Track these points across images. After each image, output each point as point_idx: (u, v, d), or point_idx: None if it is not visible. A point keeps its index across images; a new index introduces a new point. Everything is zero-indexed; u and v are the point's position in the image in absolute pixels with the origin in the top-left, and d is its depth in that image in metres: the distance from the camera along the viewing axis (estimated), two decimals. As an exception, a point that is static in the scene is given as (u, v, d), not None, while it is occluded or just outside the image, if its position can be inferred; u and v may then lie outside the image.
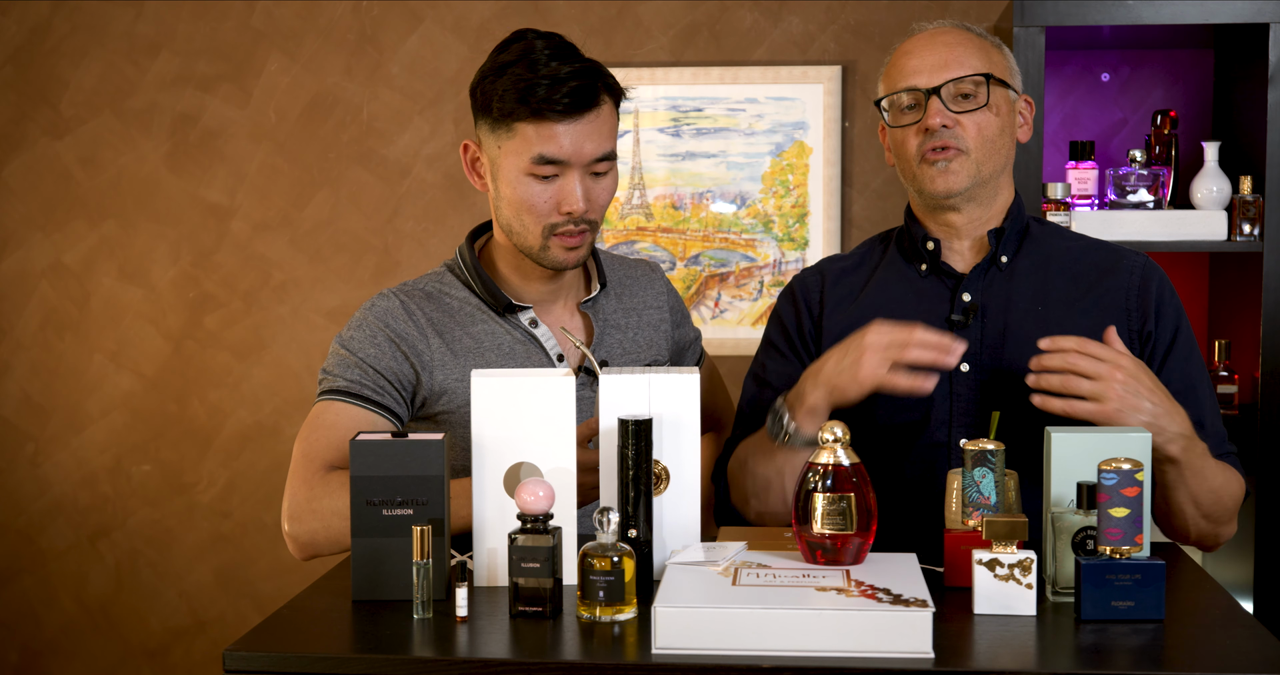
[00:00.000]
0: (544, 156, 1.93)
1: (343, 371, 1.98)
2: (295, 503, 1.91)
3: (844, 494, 1.58)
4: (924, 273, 2.04)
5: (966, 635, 1.46)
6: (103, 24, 3.46)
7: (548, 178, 1.95)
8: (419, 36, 3.40)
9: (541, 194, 1.95)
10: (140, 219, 3.48)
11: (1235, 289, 3.07)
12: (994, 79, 1.97)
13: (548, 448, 1.63)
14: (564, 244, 1.98)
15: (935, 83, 1.96)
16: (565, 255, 1.99)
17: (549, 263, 2.00)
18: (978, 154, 1.96)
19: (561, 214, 1.96)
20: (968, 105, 1.97)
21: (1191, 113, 3.23)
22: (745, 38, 3.32)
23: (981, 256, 2.02)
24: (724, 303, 3.36)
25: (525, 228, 1.98)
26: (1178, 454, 1.79)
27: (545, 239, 1.98)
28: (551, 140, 1.92)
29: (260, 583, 3.51)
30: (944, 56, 1.97)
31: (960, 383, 1.97)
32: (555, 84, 1.91)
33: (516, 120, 1.93)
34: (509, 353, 2.03)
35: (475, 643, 1.46)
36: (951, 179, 1.96)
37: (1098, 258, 2.03)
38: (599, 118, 1.95)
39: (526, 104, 1.91)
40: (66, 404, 3.53)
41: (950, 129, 1.95)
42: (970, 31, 2.02)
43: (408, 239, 3.43)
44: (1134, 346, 1.97)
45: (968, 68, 1.96)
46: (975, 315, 1.99)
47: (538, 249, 1.99)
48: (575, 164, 1.94)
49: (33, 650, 3.58)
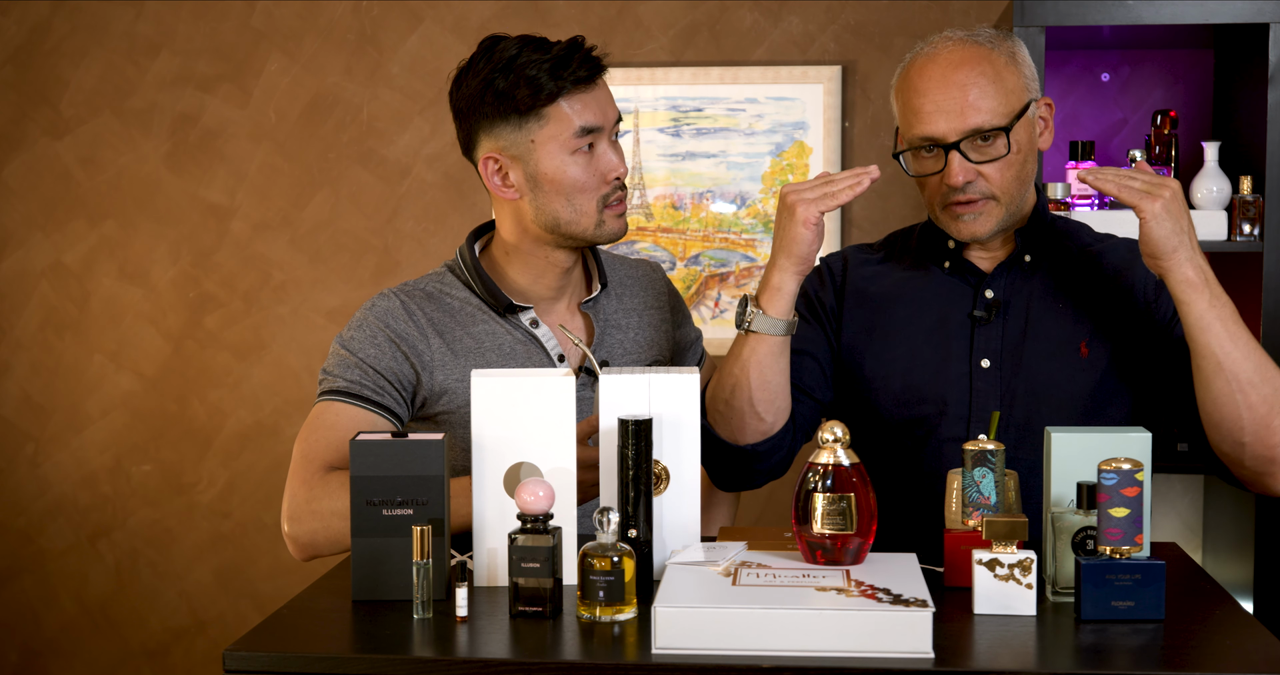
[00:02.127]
0: (585, 127, 1.97)
1: (343, 372, 1.98)
2: (295, 503, 1.91)
3: (844, 494, 1.58)
4: (947, 270, 2.03)
5: (966, 635, 1.46)
6: (103, 24, 3.46)
7: (588, 151, 1.98)
8: (419, 36, 3.40)
9: (588, 168, 1.98)
10: (140, 219, 3.49)
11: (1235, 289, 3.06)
12: (1013, 126, 1.90)
13: (548, 448, 1.63)
14: (616, 212, 2.02)
15: (953, 136, 1.89)
16: (617, 223, 2.03)
17: (605, 237, 2.02)
18: (1006, 197, 1.93)
19: (610, 182, 2.00)
20: (990, 152, 1.91)
21: (1191, 113, 3.23)
22: (745, 38, 3.32)
23: (1006, 254, 2.02)
24: (724, 303, 3.36)
25: (579, 209, 2.00)
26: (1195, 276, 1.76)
27: (600, 213, 2.00)
28: (588, 109, 1.97)
29: (260, 583, 3.51)
30: (959, 101, 1.89)
31: (980, 378, 1.96)
32: (571, 55, 1.96)
33: (548, 103, 1.96)
34: (509, 353, 2.03)
35: (475, 643, 1.46)
36: (979, 225, 1.94)
37: (1116, 256, 2.02)
38: (604, 83, 2.02)
39: (559, 79, 1.94)
40: (66, 404, 3.53)
41: (974, 183, 1.92)
42: (979, 46, 1.94)
43: (408, 239, 3.43)
44: (1157, 338, 1.96)
45: (984, 113, 1.89)
46: (998, 311, 1.99)
47: (594, 227, 2.01)
48: (606, 130, 2.00)
49: (33, 650, 3.58)
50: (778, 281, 1.86)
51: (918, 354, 2.00)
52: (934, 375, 1.98)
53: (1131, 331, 1.97)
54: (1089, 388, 1.95)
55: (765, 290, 1.88)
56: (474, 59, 2.00)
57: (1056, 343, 1.97)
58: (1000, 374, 1.96)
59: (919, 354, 2.00)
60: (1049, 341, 1.97)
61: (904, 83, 1.96)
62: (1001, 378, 1.96)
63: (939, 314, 2.00)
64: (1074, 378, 1.95)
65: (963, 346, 1.98)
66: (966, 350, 1.98)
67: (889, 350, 2.01)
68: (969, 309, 2.00)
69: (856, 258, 2.10)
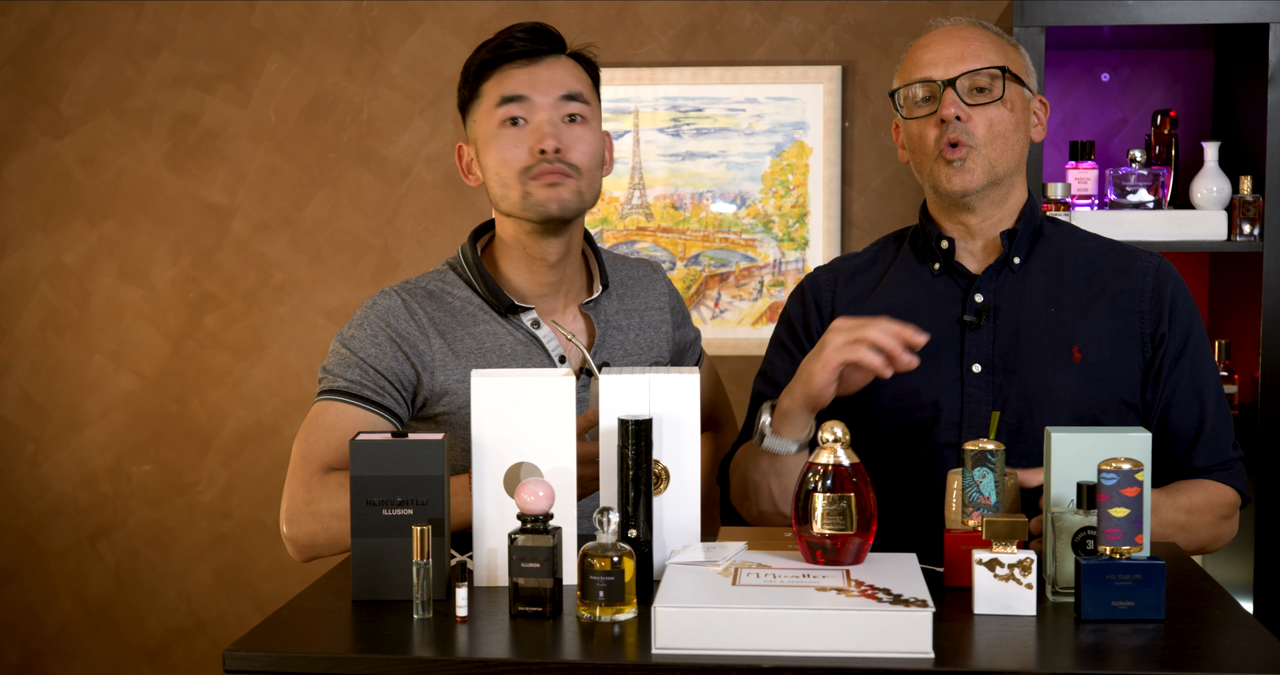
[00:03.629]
0: (505, 96, 1.97)
1: (343, 371, 1.98)
2: (294, 504, 1.91)
3: (844, 494, 1.58)
4: (937, 273, 2.03)
5: (966, 635, 1.46)
6: (103, 24, 3.46)
7: (516, 123, 1.98)
8: (419, 36, 3.40)
9: (514, 140, 1.98)
10: (140, 219, 3.48)
11: (1235, 289, 3.07)
12: (1009, 73, 1.97)
13: (548, 448, 1.63)
14: (543, 183, 1.97)
15: (951, 74, 1.96)
16: (546, 193, 1.97)
17: (536, 211, 1.98)
18: (989, 149, 1.96)
19: (534, 155, 1.97)
20: (982, 99, 1.96)
21: (1191, 113, 3.23)
22: (745, 38, 3.32)
23: (994, 257, 2.02)
24: (724, 303, 3.36)
25: (506, 183, 1.99)
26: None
27: (524, 186, 1.98)
28: (513, 80, 1.98)
29: (260, 583, 3.51)
30: (960, 50, 1.96)
31: (972, 383, 1.96)
32: (510, 34, 1.99)
33: (482, 82, 1.99)
34: (510, 354, 2.02)
35: (475, 643, 1.46)
36: (968, 177, 1.96)
37: (1111, 258, 2.02)
38: (560, 64, 2.01)
39: (491, 56, 1.98)
40: (66, 404, 3.53)
41: (964, 122, 1.95)
42: (988, 29, 2.02)
43: (408, 239, 3.43)
44: (1145, 349, 1.96)
45: (984, 60, 1.96)
46: (988, 316, 1.99)
47: (521, 201, 1.98)
48: (540, 102, 1.98)
49: (33, 650, 3.58)
50: (787, 407, 1.86)
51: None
52: (926, 381, 1.97)
53: (1124, 337, 1.97)
54: (1082, 392, 1.94)
55: (777, 413, 1.88)
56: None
57: (1049, 347, 1.96)
58: (992, 379, 1.96)
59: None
60: (1041, 346, 1.96)
61: (910, 51, 2.03)
62: (994, 383, 1.96)
63: (930, 320, 2.00)
64: (1066, 382, 1.95)
65: (953, 352, 1.98)
66: (958, 355, 1.98)
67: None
68: (959, 314, 2.00)
69: (845, 272, 2.11)
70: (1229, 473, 1.99)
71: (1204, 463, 1.98)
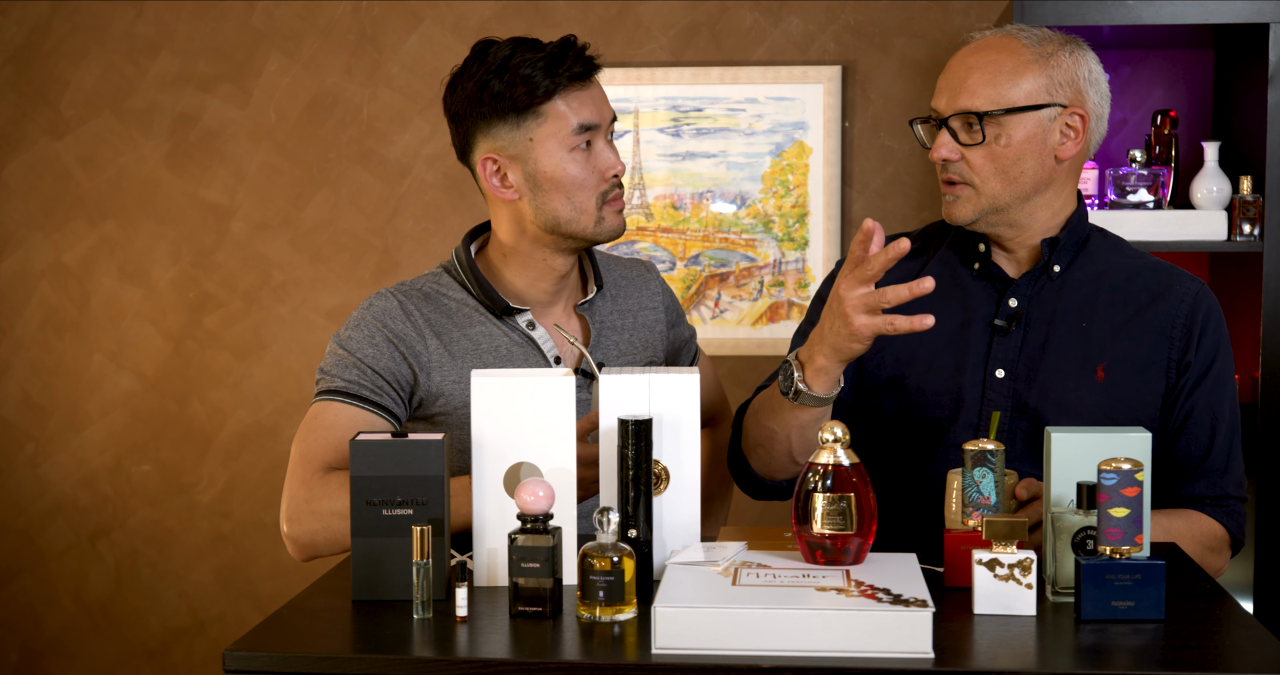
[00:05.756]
0: (583, 124, 1.98)
1: (341, 371, 1.98)
2: (294, 504, 1.91)
3: (844, 494, 1.58)
4: (975, 273, 2.03)
5: (966, 635, 1.46)
6: (103, 24, 3.46)
7: (585, 148, 1.99)
8: (419, 36, 3.40)
9: (585, 166, 1.99)
10: (140, 219, 3.48)
11: (1235, 289, 3.07)
12: (991, 116, 1.91)
13: (548, 448, 1.63)
14: (615, 209, 2.02)
15: (948, 111, 1.94)
16: (616, 220, 2.03)
17: (605, 234, 2.02)
18: (988, 186, 1.93)
19: (608, 179, 2.01)
20: (974, 138, 1.93)
21: (1191, 113, 3.23)
22: (745, 38, 3.32)
23: (1034, 263, 2.00)
24: (724, 303, 3.36)
25: (579, 207, 2.00)
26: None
27: (599, 210, 2.01)
28: (585, 106, 1.98)
29: (260, 583, 3.51)
30: (960, 82, 1.93)
31: (993, 388, 1.96)
32: (565, 52, 1.96)
33: (545, 102, 1.96)
34: (506, 355, 2.03)
35: (475, 643, 1.46)
36: (958, 210, 1.96)
37: (1151, 280, 1.99)
38: (598, 82, 2.03)
39: (555, 76, 1.95)
40: (66, 404, 3.53)
41: (956, 161, 1.93)
42: (1013, 41, 1.95)
43: (408, 239, 3.43)
44: (1170, 375, 1.95)
45: (977, 98, 1.91)
46: (1019, 322, 1.98)
47: (593, 225, 2.01)
48: (603, 127, 2.01)
49: (33, 650, 3.58)
50: (823, 365, 1.82)
51: (937, 357, 1.99)
52: (949, 380, 1.97)
53: (1150, 361, 1.95)
54: (1100, 411, 1.93)
55: (811, 368, 1.83)
56: (468, 63, 2.00)
57: (1074, 361, 1.95)
58: (1014, 385, 1.95)
59: (938, 358, 1.99)
60: (1067, 359, 1.95)
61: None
62: (1014, 389, 1.95)
63: (962, 319, 1.99)
64: (1085, 399, 1.93)
65: (980, 354, 1.98)
66: (983, 358, 1.97)
67: (909, 352, 2.01)
68: (992, 316, 1.99)
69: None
70: (1223, 510, 1.96)
71: (1200, 493, 1.96)
